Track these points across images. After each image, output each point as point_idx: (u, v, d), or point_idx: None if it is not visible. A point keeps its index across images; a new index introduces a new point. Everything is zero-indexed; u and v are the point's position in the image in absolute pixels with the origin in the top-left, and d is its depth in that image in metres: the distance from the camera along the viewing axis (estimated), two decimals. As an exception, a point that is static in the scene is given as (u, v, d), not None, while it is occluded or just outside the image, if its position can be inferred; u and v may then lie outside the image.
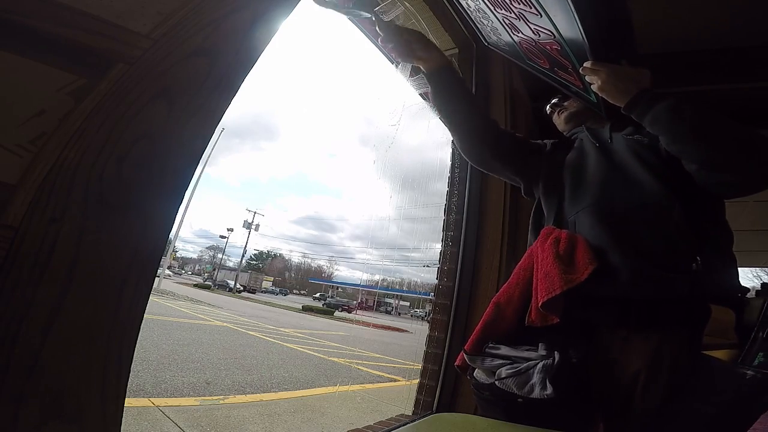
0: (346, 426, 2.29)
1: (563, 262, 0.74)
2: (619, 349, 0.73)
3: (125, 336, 0.48)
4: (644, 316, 0.71)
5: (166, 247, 0.56)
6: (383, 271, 46.23)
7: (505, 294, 0.84)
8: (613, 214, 0.78)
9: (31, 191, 0.42)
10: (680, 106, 0.72)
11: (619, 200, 0.78)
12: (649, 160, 0.79)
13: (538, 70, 1.04)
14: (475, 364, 0.81)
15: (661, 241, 0.73)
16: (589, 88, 0.85)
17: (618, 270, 0.72)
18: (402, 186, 3.52)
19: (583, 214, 0.81)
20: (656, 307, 0.71)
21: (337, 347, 7.93)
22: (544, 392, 0.68)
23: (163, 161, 0.51)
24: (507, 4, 0.87)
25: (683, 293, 0.69)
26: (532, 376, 0.71)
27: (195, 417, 2.57)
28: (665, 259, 0.71)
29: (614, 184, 0.81)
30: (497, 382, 0.75)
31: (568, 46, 0.82)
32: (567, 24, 0.76)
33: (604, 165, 0.85)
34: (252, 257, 62.31)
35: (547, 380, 0.69)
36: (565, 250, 0.76)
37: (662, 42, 1.89)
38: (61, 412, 0.43)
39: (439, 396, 1.56)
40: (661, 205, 0.74)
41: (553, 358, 0.71)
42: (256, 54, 0.60)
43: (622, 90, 0.77)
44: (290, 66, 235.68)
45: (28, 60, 0.42)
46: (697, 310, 0.70)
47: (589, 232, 0.78)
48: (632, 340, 0.72)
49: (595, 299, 0.74)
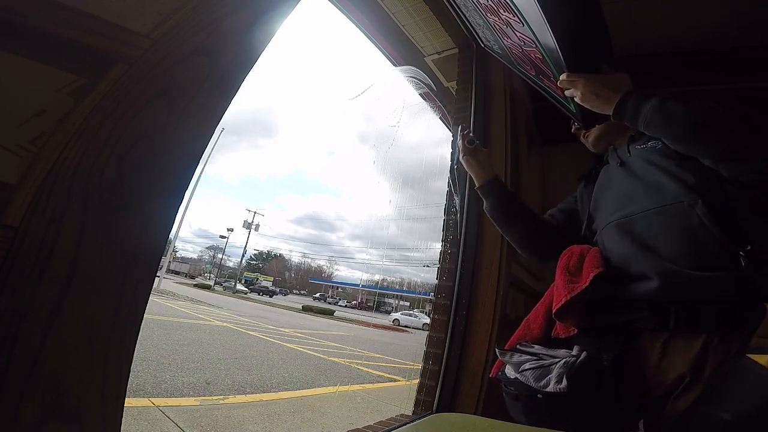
0: (346, 426, 2.29)
1: (569, 273, 0.77)
2: (660, 354, 0.70)
3: (125, 336, 0.48)
4: (683, 319, 0.68)
5: (166, 247, 0.56)
6: (383, 270, 46.23)
7: (533, 312, 0.88)
8: (634, 224, 0.77)
9: (31, 191, 0.42)
10: (667, 104, 0.70)
11: (638, 209, 0.78)
12: (663, 164, 0.78)
13: (526, 76, 1.05)
14: (504, 359, 0.83)
15: (685, 241, 0.70)
16: (568, 98, 0.85)
17: (648, 276, 0.71)
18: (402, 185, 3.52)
19: (607, 230, 0.82)
20: (696, 309, 0.67)
21: (337, 347, 7.93)
22: (558, 386, 0.68)
23: (163, 161, 0.51)
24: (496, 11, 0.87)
25: (727, 293, 0.65)
26: (552, 370, 0.71)
27: (195, 417, 2.57)
28: (695, 260, 0.68)
29: (634, 197, 0.80)
30: (519, 375, 0.76)
31: (547, 56, 0.82)
32: (543, 34, 0.76)
33: (624, 181, 0.85)
34: (252, 257, 62.37)
35: (564, 375, 0.69)
36: (575, 263, 0.79)
37: (662, 42, 1.89)
38: (61, 412, 0.43)
39: (439, 396, 1.56)
40: (681, 204, 0.72)
41: (577, 356, 0.71)
42: (255, 54, 0.60)
43: (604, 98, 0.76)
44: (288, 62, 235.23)
45: (28, 60, 0.42)
46: (745, 310, 0.66)
47: (614, 246, 0.79)
48: (673, 344, 0.69)
49: (629, 303, 0.73)
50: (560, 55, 0.77)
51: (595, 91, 0.77)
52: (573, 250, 0.83)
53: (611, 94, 0.75)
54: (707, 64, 1.84)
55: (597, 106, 0.78)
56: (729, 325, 0.66)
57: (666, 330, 0.70)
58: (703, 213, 0.69)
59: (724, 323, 0.66)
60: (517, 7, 0.76)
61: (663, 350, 0.70)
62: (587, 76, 0.78)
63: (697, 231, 0.69)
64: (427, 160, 3.92)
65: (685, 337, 0.68)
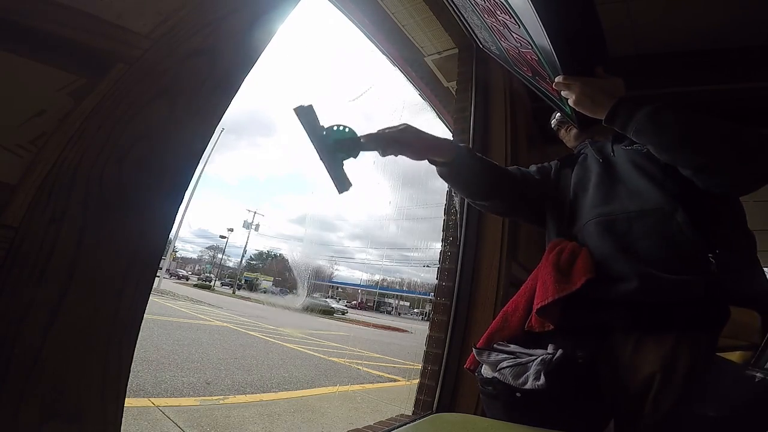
0: (346, 426, 2.29)
1: (560, 272, 0.77)
2: (632, 352, 0.72)
3: (125, 336, 0.48)
4: (656, 319, 0.71)
5: (166, 247, 0.56)
6: (383, 271, 46.26)
7: (512, 303, 0.87)
8: (615, 225, 0.78)
9: (31, 191, 0.42)
10: (660, 114, 0.71)
11: (620, 211, 0.79)
12: (647, 168, 0.80)
13: (523, 77, 1.05)
14: (481, 358, 0.83)
15: (664, 246, 0.73)
16: (564, 99, 0.85)
17: (626, 278, 0.72)
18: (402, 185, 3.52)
19: (588, 228, 0.83)
20: (669, 310, 0.70)
21: (337, 347, 7.93)
22: (536, 383, 0.69)
23: (163, 161, 0.51)
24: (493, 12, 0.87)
25: (697, 295, 0.68)
26: (529, 368, 0.72)
27: (195, 417, 2.57)
28: (672, 264, 0.71)
29: (616, 197, 0.82)
30: (497, 374, 0.76)
31: (543, 58, 0.82)
32: (538, 36, 0.77)
33: (606, 179, 0.86)
34: (252, 257, 62.36)
35: (542, 373, 0.70)
36: (566, 261, 0.79)
37: (662, 42, 1.89)
38: (61, 412, 0.43)
39: (439, 396, 1.56)
40: (662, 211, 0.74)
41: (553, 354, 0.72)
42: (255, 54, 0.60)
43: (598, 103, 0.77)
44: (286, 60, 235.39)
45: (28, 60, 0.42)
46: (712, 311, 0.69)
47: (594, 244, 0.80)
48: (645, 343, 0.72)
49: (607, 303, 0.74)
50: (555, 57, 0.77)
51: (591, 95, 0.78)
52: (564, 246, 0.83)
53: (605, 99, 0.77)
54: (707, 64, 1.84)
55: (590, 110, 0.79)
56: (698, 324, 0.69)
57: (638, 329, 0.73)
58: (682, 220, 0.71)
59: (694, 323, 0.69)
60: (513, 8, 0.76)
61: (635, 348, 0.72)
62: (583, 79, 0.79)
63: (675, 236, 0.72)
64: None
65: (656, 335, 0.71)
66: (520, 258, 1.88)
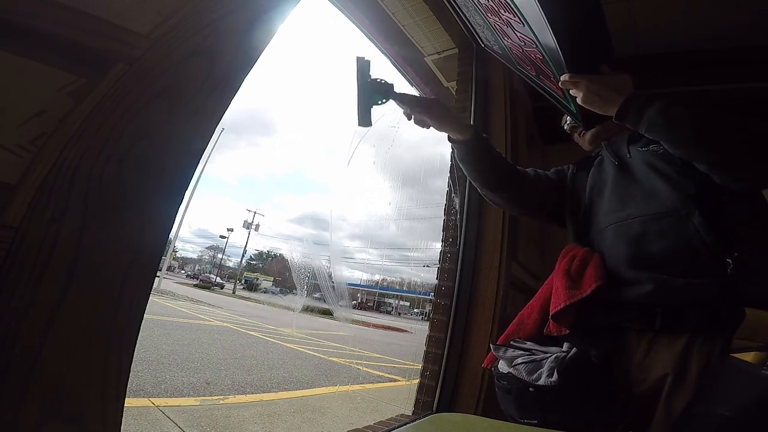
0: (346, 426, 2.29)
1: (571, 278, 0.78)
2: (644, 352, 0.73)
3: (125, 336, 0.48)
4: (669, 320, 0.71)
5: (166, 246, 0.56)
6: (383, 270, 46.22)
7: (528, 308, 0.89)
8: (631, 229, 0.78)
9: (31, 191, 0.42)
10: (672, 109, 0.70)
11: (636, 215, 0.79)
12: (663, 169, 0.78)
13: (527, 76, 1.05)
14: (498, 354, 0.85)
15: (680, 249, 0.72)
16: (569, 97, 0.85)
17: (641, 282, 0.73)
18: (402, 184, 3.53)
19: (605, 233, 0.83)
20: (682, 311, 0.70)
21: (337, 347, 7.93)
22: (549, 379, 0.70)
23: (162, 161, 0.51)
24: (497, 11, 0.87)
25: (711, 297, 0.68)
26: (544, 365, 0.74)
27: (195, 417, 2.57)
28: (687, 267, 0.70)
29: (632, 200, 0.81)
30: (512, 369, 0.78)
31: (548, 56, 0.82)
32: (543, 35, 0.76)
33: (622, 182, 0.85)
34: (252, 257, 62.34)
35: (555, 370, 0.71)
36: (577, 268, 0.80)
37: (662, 42, 1.89)
38: (61, 412, 0.43)
39: (439, 396, 1.56)
40: (678, 213, 0.73)
41: (567, 352, 0.74)
42: (255, 54, 0.60)
43: (607, 99, 0.76)
44: (287, 61, 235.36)
45: (28, 60, 0.42)
46: (726, 313, 0.69)
47: (610, 249, 0.81)
48: (658, 343, 0.72)
49: (620, 305, 0.75)
50: (561, 55, 0.76)
51: (598, 92, 0.77)
52: (575, 253, 0.83)
53: (614, 95, 0.75)
54: (707, 64, 1.84)
55: (599, 108, 0.78)
56: (712, 326, 0.69)
57: (652, 330, 0.73)
58: (699, 223, 0.70)
59: (707, 325, 0.69)
60: (518, 7, 0.76)
61: (648, 348, 0.73)
62: (590, 77, 0.77)
63: (691, 240, 0.71)
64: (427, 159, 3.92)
65: (669, 336, 0.71)
66: (519, 258, 1.88)
